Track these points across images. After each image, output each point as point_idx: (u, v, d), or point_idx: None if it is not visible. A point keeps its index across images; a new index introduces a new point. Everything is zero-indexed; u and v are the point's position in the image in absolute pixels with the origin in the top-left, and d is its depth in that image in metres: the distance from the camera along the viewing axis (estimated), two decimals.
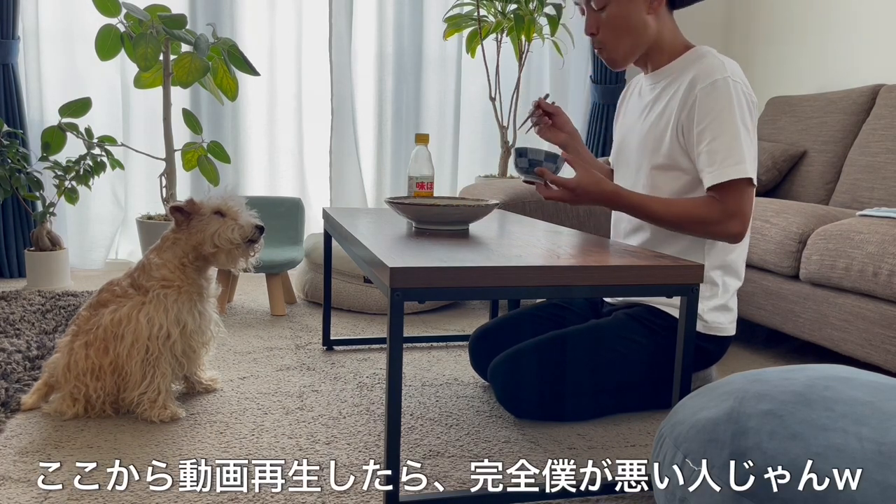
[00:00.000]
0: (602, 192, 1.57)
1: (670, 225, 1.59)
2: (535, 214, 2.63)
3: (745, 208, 1.56)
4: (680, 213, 1.57)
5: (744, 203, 1.55)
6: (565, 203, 1.59)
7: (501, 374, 1.66)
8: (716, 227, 1.56)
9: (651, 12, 1.64)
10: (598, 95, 3.76)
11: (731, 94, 1.54)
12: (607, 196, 1.58)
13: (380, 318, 2.61)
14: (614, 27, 1.64)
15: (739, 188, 1.55)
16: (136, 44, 2.58)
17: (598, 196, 1.57)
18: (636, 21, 1.64)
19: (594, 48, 1.71)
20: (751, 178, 1.54)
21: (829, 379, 0.93)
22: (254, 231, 1.64)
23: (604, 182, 1.57)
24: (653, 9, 1.64)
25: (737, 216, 1.55)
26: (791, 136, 3.02)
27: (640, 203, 1.58)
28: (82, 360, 1.55)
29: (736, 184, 1.54)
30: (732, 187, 1.54)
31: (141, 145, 3.29)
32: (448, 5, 3.50)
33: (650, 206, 1.58)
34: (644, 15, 1.64)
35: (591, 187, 1.56)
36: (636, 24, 1.64)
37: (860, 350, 1.90)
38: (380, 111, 3.61)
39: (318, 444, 1.49)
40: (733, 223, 1.56)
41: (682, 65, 1.67)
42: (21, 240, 3.15)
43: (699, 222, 1.56)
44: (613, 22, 1.64)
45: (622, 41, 1.66)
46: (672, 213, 1.57)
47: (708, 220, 1.56)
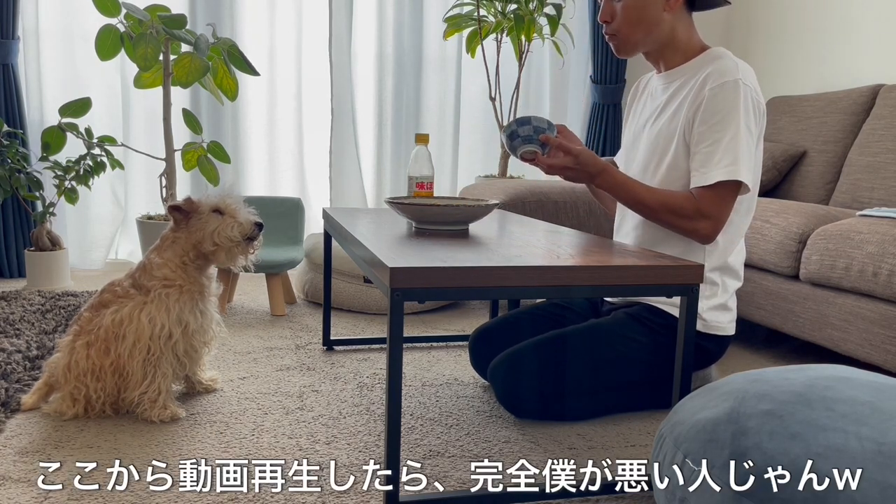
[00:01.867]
0: (597, 163, 1.60)
1: (648, 210, 1.61)
2: (535, 214, 2.63)
3: (719, 212, 1.56)
4: (659, 200, 1.59)
5: (720, 207, 1.56)
6: (565, 175, 1.60)
7: (501, 374, 1.66)
8: (686, 222, 1.58)
9: (668, 9, 1.64)
10: (598, 95, 3.76)
11: (739, 96, 1.54)
12: (600, 168, 1.60)
13: (380, 318, 2.61)
14: (628, 18, 1.65)
15: (721, 192, 1.55)
16: (136, 44, 2.58)
17: (594, 167, 1.60)
18: (651, 15, 1.64)
19: (604, 33, 1.73)
20: (739, 181, 1.54)
21: (829, 379, 0.93)
22: (253, 228, 1.64)
23: (598, 158, 1.61)
24: (669, 6, 1.64)
25: (708, 218, 1.56)
26: (791, 136, 3.02)
27: (625, 183, 1.61)
28: (83, 361, 1.55)
29: (720, 186, 1.55)
30: (715, 189, 1.55)
31: (141, 145, 3.29)
32: (448, 5, 3.50)
33: (634, 188, 1.61)
34: (660, 11, 1.64)
35: (589, 157, 1.59)
36: (651, 17, 1.64)
37: (860, 350, 1.90)
38: (380, 111, 3.61)
39: (318, 444, 1.49)
40: (704, 223, 1.57)
41: (696, 65, 1.66)
42: (21, 240, 3.15)
43: (672, 212, 1.58)
44: (629, 12, 1.65)
45: (635, 32, 1.66)
46: (652, 199, 1.59)
47: (681, 212, 1.57)
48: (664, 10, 1.64)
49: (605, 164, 1.61)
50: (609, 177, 1.61)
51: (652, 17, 1.64)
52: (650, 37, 1.67)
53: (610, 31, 1.70)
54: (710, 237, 1.58)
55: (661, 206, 1.58)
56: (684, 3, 1.66)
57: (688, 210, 1.57)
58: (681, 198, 1.58)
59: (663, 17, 1.65)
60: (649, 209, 1.60)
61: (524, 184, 2.77)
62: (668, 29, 1.66)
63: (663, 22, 1.65)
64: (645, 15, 1.64)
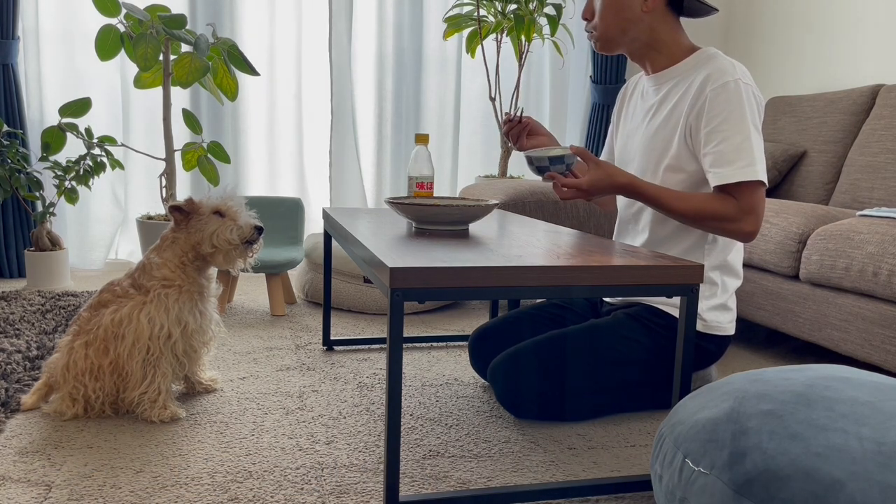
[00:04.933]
0: (615, 185, 1.58)
1: (685, 218, 1.59)
2: (535, 214, 2.63)
3: (759, 207, 1.57)
4: (696, 208, 1.57)
5: (757, 202, 1.56)
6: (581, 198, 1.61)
7: (501, 374, 1.66)
8: (731, 224, 1.57)
9: (646, 10, 1.66)
10: (598, 95, 3.76)
11: (742, 96, 1.55)
12: (622, 187, 1.59)
13: (380, 318, 2.61)
14: (606, 15, 1.69)
15: (752, 188, 1.56)
16: (136, 44, 2.58)
17: (612, 190, 1.59)
18: (628, 14, 1.67)
19: (585, 30, 1.77)
20: (762, 180, 1.55)
21: (829, 379, 0.93)
22: (252, 232, 1.64)
23: (616, 175, 1.58)
24: (648, 7, 1.66)
25: (752, 214, 1.56)
26: (791, 136, 3.02)
27: (657, 195, 1.59)
28: (81, 361, 1.55)
29: (749, 184, 1.55)
30: (745, 187, 1.55)
31: (141, 145, 3.30)
32: (448, 5, 3.50)
33: (666, 199, 1.59)
34: (638, 11, 1.66)
35: (602, 183, 1.57)
36: (628, 16, 1.67)
37: (860, 350, 1.90)
38: (380, 111, 3.61)
39: (318, 444, 1.49)
40: (748, 221, 1.56)
41: (689, 66, 1.67)
42: (21, 240, 3.15)
43: (715, 218, 1.57)
44: (606, 10, 1.69)
45: (611, 29, 1.69)
46: (689, 207, 1.58)
47: (724, 216, 1.56)
48: (642, 11, 1.66)
49: (628, 181, 1.58)
50: (638, 191, 1.59)
51: (629, 15, 1.67)
52: (627, 35, 1.69)
53: (590, 28, 1.74)
54: (754, 233, 1.57)
55: (700, 213, 1.57)
56: (667, 6, 1.68)
57: (730, 212, 1.56)
58: (717, 200, 1.57)
59: (641, 17, 1.67)
60: (687, 217, 1.58)
61: (524, 184, 2.77)
62: (646, 29, 1.68)
63: (641, 22, 1.67)
64: (622, 13, 1.67)
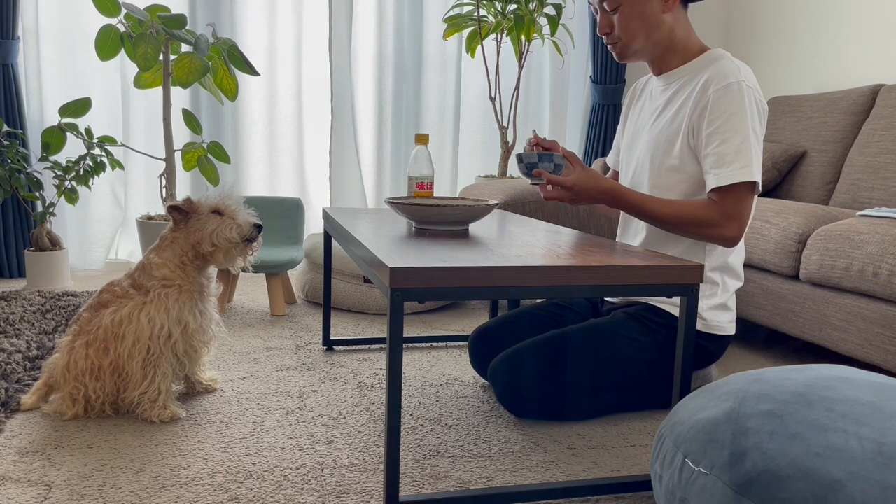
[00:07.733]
0: (599, 188, 1.59)
1: (667, 224, 1.59)
2: (535, 214, 2.63)
3: (742, 212, 1.56)
4: (678, 214, 1.57)
5: (742, 207, 1.56)
6: (566, 203, 1.60)
7: (501, 374, 1.66)
8: (712, 229, 1.57)
9: (666, 10, 1.64)
10: (598, 95, 3.76)
11: (744, 98, 1.55)
12: (605, 192, 1.59)
13: (380, 318, 2.61)
14: (630, 25, 1.65)
15: (740, 193, 1.55)
16: (136, 44, 2.58)
17: (596, 193, 1.59)
18: (651, 18, 1.64)
19: (606, 44, 1.73)
20: (755, 182, 1.54)
21: (829, 379, 0.93)
22: (252, 230, 1.64)
23: (601, 179, 1.59)
24: (668, 6, 1.64)
25: (734, 219, 1.56)
26: (791, 136, 3.02)
27: (640, 201, 1.59)
28: (81, 361, 1.55)
29: (738, 187, 1.55)
30: (733, 191, 1.55)
31: (141, 145, 3.29)
32: (448, 5, 3.50)
33: (649, 205, 1.59)
34: (659, 13, 1.64)
35: (587, 184, 1.58)
36: (651, 21, 1.64)
37: (860, 350, 1.90)
38: (380, 111, 3.61)
39: (318, 444, 1.49)
40: (730, 226, 1.56)
41: (696, 67, 1.67)
42: (21, 240, 3.15)
43: (696, 223, 1.57)
44: (629, 20, 1.64)
45: (636, 38, 1.66)
46: (671, 213, 1.58)
47: (705, 222, 1.56)
48: (663, 12, 1.64)
49: (611, 186, 1.59)
50: (621, 197, 1.59)
51: (652, 20, 1.64)
52: (651, 40, 1.67)
53: (611, 41, 1.70)
54: (736, 239, 1.57)
55: (682, 219, 1.57)
56: (680, 1, 1.67)
57: (712, 217, 1.56)
58: (699, 207, 1.57)
59: (663, 19, 1.65)
60: (669, 223, 1.59)
61: (524, 184, 2.77)
62: (667, 31, 1.67)
63: (663, 24, 1.66)
64: (645, 19, 1.64)
